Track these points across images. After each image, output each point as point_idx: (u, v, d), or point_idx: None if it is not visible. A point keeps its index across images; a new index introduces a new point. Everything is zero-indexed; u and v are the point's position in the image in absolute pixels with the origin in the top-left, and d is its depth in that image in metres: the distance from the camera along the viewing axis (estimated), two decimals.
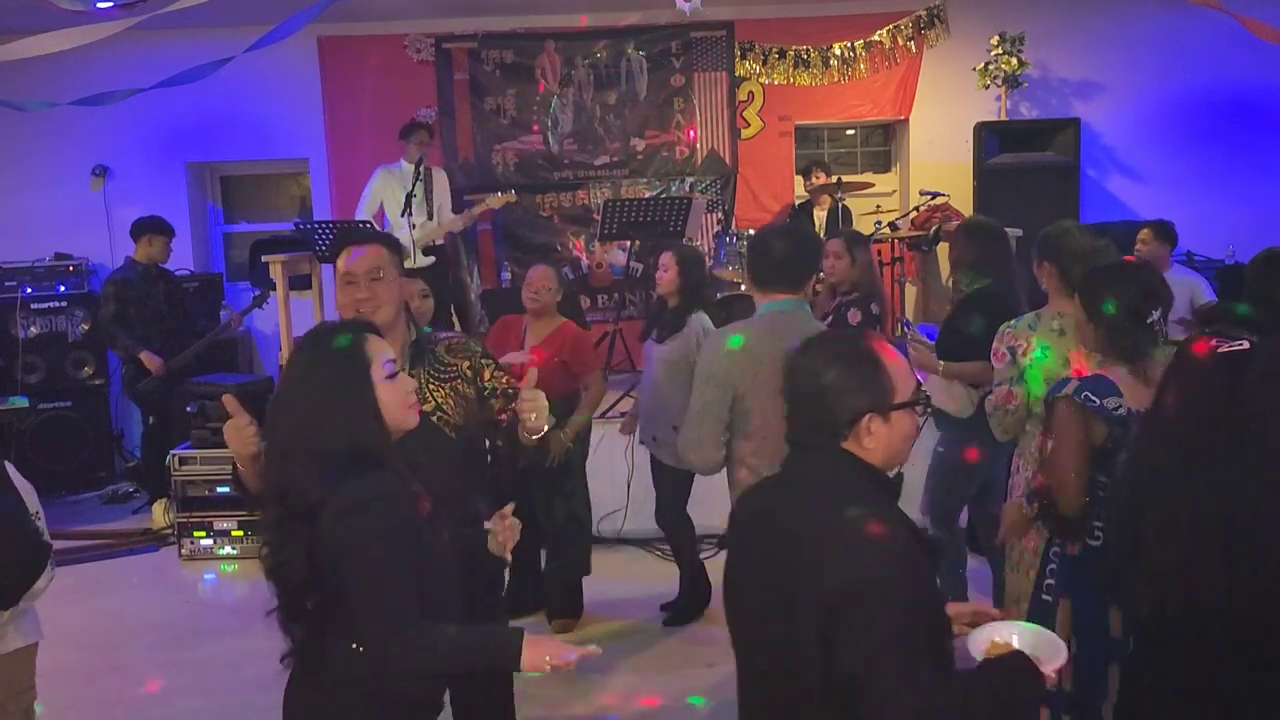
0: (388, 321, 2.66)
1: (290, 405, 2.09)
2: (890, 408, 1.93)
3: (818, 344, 2.02)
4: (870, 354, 1.95)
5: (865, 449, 1.93)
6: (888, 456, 1.96)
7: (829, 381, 1.93)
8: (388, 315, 2.68)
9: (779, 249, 3.18)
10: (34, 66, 5.84)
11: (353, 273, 2.69)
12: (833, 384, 1.92)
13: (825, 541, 1.83)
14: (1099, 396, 2.71)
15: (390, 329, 2.66)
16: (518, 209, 7.98)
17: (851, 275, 4.81)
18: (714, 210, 7.98)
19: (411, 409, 2.15)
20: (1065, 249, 3.30)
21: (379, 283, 2.68)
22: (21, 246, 7.68)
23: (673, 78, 8.02)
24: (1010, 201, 7.02)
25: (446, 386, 2.82)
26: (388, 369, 2.11)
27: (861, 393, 1.92)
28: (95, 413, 7.55)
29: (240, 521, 5.99)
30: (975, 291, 4.18)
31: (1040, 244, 3.45)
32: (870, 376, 1.93)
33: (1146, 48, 7.89)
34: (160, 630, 5.10)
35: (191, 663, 4.71)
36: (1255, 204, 7.84)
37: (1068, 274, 3.26)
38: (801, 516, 1.90)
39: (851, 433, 1.92)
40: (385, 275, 2.70)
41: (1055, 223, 3.49)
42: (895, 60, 7.89)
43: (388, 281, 2.70)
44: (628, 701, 4.17)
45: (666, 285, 4.64)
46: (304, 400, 2.07)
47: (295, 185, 8.75)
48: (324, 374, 2.07)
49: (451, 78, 8.02)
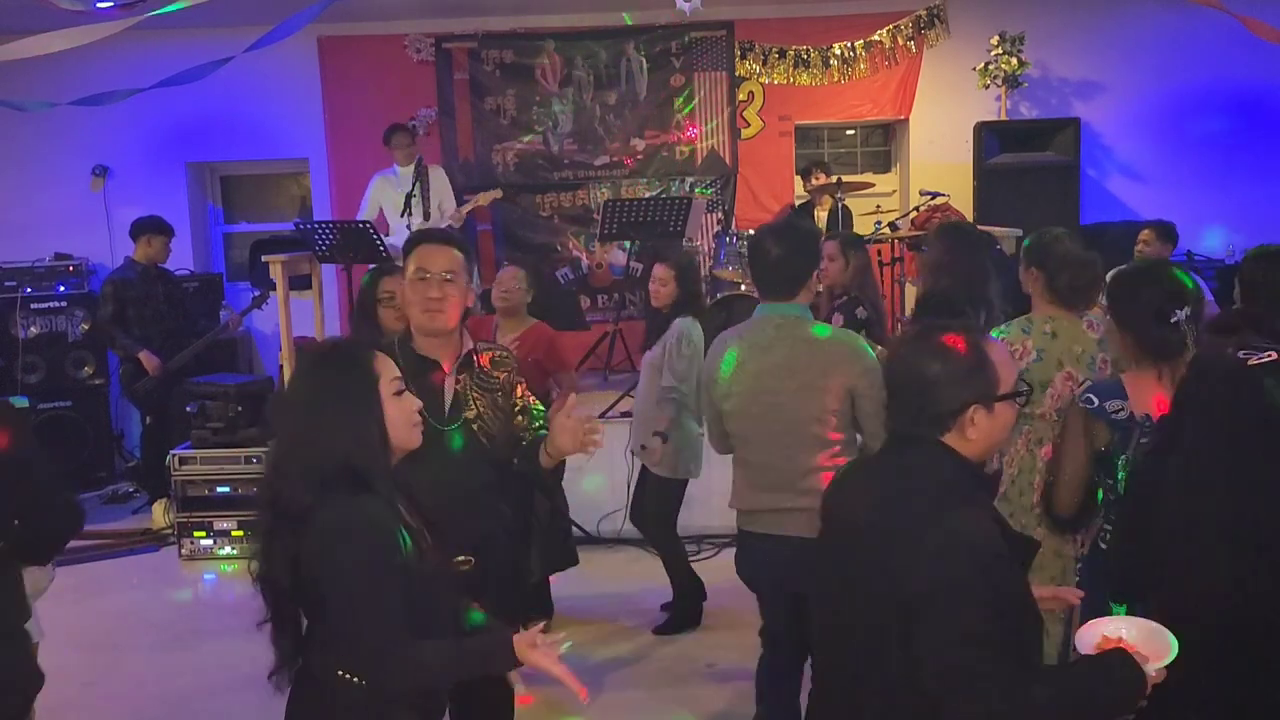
0: (452, 327, 2.66)
1: (293, 414, 2.07)
2: (995, 399, 1.94)
3: (921, 335, 2.03)
4: (975, 345, 1.96)
5: (967, 440, 1.95)
6: (987, 447, 1.99)
7: (934, 373, 1.94)
8: (453, 319, 2.65)
9: (774, 253, 3.16)
10: (34, 66, 5.84)
11: (427, 269, 2.62)
12: (938, 375, 1.93)
13: (917, 537, 1.84)
14: (1101, 398, 2.71)
15: (451, 335, 2.67)
16: (517, 209, 8.00)
17: (844, 278, 4.80)
18: (714, 210, 7.98)
19: (416, 428, 2.13)
20: (1053, 255, 3.30)
21: (451, 284, 2.63)
22: (21, 246, 7.69)
23: (673, 78, 8.02)
24: (1010, 201, 7.02)
25: (488, 397, 2.81)
26: (395, 386, 2.09)
27: (967, 384, 1.93)
28: (95, 413, 7.56)
29: (240, 521, 5.99)
30: (926, 293, 4.20)
31: (1029, 249, 3.45)
32: (976, 367, 1.94)
33: (1146, 48, 7.89)
34: (160, 630, 5.10)
35: (191, 663, 4.71)
36: (1255, 204, 7.84)
37: (1054, 281, 3.25)
38: (896, 510, 1.91)
39: (955, 425, 1.93)
40: (457, 278, 2.65)
41: (1045, 229, 3.48)
42: (895, 60, 7.89)
43: (459, 284, 2.65)
44: (627, 701, 4.17)
45: (665, 298, 4.62)
46: (308, 411, 2.05)
47: (295, 185, 8.75)
48: (331, 386, 2.05)
49: (451, 78, 8.02)
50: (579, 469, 5.14)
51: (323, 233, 6.44)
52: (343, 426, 2.01)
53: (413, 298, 2.65)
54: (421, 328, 2.68)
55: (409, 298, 2.66)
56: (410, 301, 2.66)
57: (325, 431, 2.00)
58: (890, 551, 1.86)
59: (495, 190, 7.07)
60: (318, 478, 1.98)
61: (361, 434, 2.01)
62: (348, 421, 2.01)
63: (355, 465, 2.00)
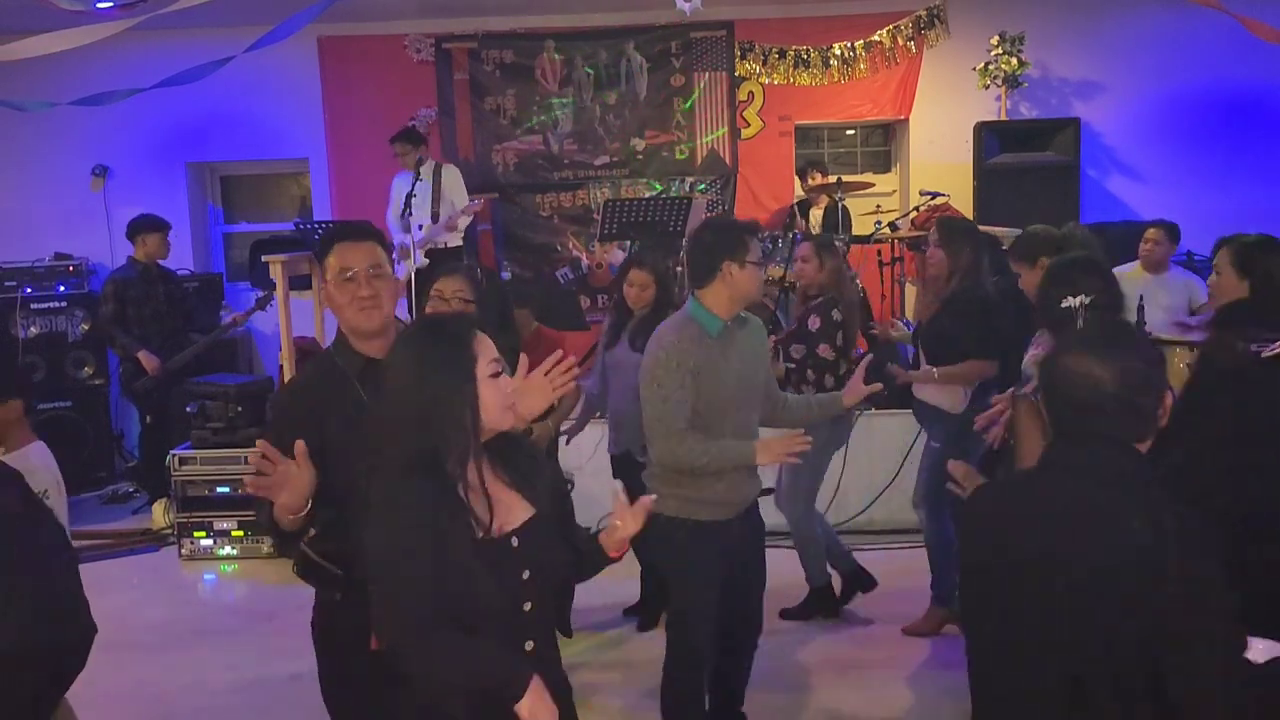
0: (386, 323, 2.55)
1: (388, 395, 2.06)
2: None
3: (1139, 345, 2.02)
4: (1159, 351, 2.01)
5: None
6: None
7: (1149, 379, 1.94)
8: (387, 315, 2.55)
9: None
10: (34, 66, 5.84)
11: (350, 268, 2.50)
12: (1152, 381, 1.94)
13: (1164, 540, 1.82)
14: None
15: (388, 331, 2.55)
16: (517, 209, 8.00)
17: (819, 279, 4.83)
18: (714, 210, 7.97)
19: (508, 410, 2.10)
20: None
21: (380, 279, 2.52)
22: (21, 246, 7.69)
23: (673, 78, 8.02)
24: (1010, 201, 7.01)
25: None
26: (493, 368, 2.06)
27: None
28: (95, 413, 7.56)
29: (240, 521, 5.99)
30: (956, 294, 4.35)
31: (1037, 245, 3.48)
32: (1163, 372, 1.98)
33: (1146, 48, 7.89)
34: (160, 630, 5.10)
35: (191, 663, 4.71)
36: (1255, 204, 7.84)
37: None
38: (1131, 518, 1.86)
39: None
40: (384, 271, 2.55)
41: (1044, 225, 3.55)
42: (895, 60, 7.90)
43: (387, 278, 2.55)
44: (628, 702, 4.17)
45: (645, 301, 4.62)
46: (402, 390, 2.03)
47: (295, 185, 8.75)
48: (429, 365, 2.03)
49: (451, 78, 8.03)
50: (580, 469, 5.13)
51: (323, 233, 6.44)
52: (436, 408, 1.99)
53: (342, 299, 2.52)
54: (357, 329, 2.53)
55: (337, 300, 2.53)
56: (340, 304, 2.53)
57: (419, 413, 1.99)
58: (1131, 556, 1.85)
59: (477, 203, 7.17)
60: (404, 453, 1.98)
61: (453, 416, 2.00)
62: (440, 404, 1.99)
63: (438, 445, 1.99)
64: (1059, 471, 1.95)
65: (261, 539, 5.98)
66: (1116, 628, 1.82)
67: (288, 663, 4.46)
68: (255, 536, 5.99)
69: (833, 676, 4.37)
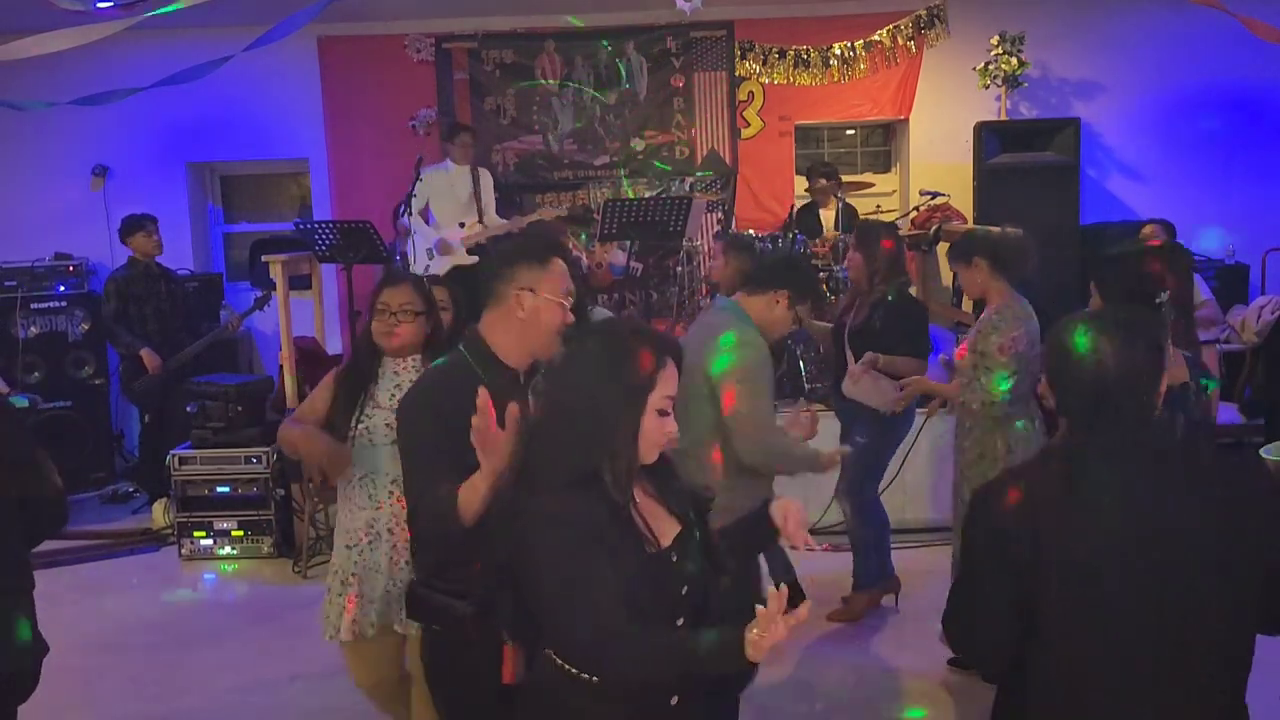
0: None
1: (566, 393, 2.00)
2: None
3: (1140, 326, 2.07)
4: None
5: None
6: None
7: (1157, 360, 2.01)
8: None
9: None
10: (34, 66, 5.84)
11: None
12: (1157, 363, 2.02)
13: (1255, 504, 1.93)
14: None
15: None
16: (516, 209, 7.99)
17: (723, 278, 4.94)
18: (714, 210, 7.98)
19: (656, 448, 2.02)
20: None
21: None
22: (21, 246, 7.69)
23: (673, 78, 8.02)
24: (1010, 201, 7.00)
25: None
26: (663, 404, 2.00)
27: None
28: (95, 412, 7.55)
29: (240, 521, 6.00)
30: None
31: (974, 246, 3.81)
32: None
33: (1146, 48, 7.89)
34: (160, 630, 5.10)
35: (191, 663, 4.71)
36: (1255, 204, 7.84)
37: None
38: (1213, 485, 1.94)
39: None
40: (411, 311, 3.15)
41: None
42: (895, 60, 7.89)
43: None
44: None
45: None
46: (582, 394, 1.97)
47: (295, 185, 8.75)
48: (609, 379, 1.97)
49: (451, 78, 8.03)
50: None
51: (323, 232, 6.44)
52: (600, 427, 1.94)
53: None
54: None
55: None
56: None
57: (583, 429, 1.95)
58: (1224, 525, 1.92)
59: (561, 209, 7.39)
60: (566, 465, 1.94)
61: (613, 440, 1.95)
62: (604, 425, 1.95)
63: (599, 466, 1.94)
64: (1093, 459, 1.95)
65: (261, 539, 5.99)
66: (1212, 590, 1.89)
67: (288, 663, 4.47)
68: (255, 536, 6.00)
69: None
